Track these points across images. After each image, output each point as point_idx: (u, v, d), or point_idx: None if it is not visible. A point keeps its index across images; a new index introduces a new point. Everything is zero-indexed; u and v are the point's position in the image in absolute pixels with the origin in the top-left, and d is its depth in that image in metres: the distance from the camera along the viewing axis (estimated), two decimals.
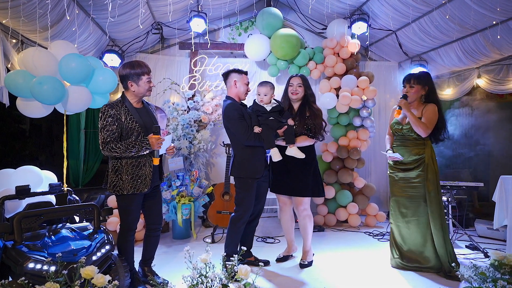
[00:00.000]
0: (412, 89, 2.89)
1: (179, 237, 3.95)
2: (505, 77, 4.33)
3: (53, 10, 3.04)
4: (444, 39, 4.42)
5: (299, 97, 3.02)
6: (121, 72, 2.41)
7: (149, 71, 2.48)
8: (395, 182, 2.97)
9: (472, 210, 5.30)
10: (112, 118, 2.30)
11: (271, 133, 2.81)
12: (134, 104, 2.45)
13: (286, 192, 3.03)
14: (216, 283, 1.74)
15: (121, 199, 2.41)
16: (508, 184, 2.87)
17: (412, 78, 2.91)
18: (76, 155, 5.12)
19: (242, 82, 2.87)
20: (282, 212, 3.18)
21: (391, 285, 2.66)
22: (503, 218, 2.91)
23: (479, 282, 1.90)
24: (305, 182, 2.94)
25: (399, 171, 2.93)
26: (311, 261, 3.10)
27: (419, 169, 2.82)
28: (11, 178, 2.74)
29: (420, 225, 2.84)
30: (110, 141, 2.28)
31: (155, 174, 2.52)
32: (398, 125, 2.96)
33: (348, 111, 4.72)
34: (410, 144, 2.89)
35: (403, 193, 2.91)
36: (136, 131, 2.37)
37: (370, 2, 4.42)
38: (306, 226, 3.02)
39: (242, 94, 2.90)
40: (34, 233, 2.21)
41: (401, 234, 2.94)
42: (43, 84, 2.77)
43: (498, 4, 3.33)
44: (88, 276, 1.67)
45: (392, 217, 3.01)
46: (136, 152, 2.30)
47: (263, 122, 2.85)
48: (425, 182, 2.81)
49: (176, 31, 4.73)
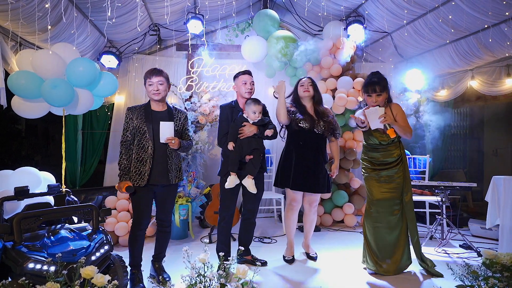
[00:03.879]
0: (379, 98, 2.79)
1: (177, 237, 3.98)
2: (498, 78, 4.41)
3: (51, 13, 3.07)
4: (438, 41, 4.49)
5: (310, 95, 3.10)
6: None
7: (152, 74, 2.57)
8: (375, 182, 2.88)
9: (467, 210, 5.38)
10: (127, 119, 2.60)
11: (236, 159, 2.80)
12: (153, 106, 2.64)
13: (309, 189, 3.06)
14: (214, 282, 1.77)
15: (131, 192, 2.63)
16: (500, 184, 2.92)
17: (377, 86, 2.77)
18: (73, 156, 5.13)
19: (240, 82, 3.00)
20: (291, 211, 3.14)
21: (387, 284, 2.70)
22: (495, 218, 2.97)
23: (471, 281, 1.95)
24: (323, 179, 3.07)
25: (381, 170, 2.86)
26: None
27: (398, 166, 2.84)
28: (10, 179, 2.75)
29: (396, 225, 2.85)
30: (122, 141, 2.59)
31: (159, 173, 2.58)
32: (383, 136, 2.84)
33: (344, 112, 4.77)
34: (392, 147, 2.86)
35: (384, 193, 2.85)
36: (141, 131, 2.55)
37: (365, 4, 4.48)
38: (314, 221, 3.29)
39: (243, 93, 3.00)
40: (33, 234, 2.23)
41: (377, 238, 2.86)
42: (58, 87, 2.90)
43: (490, 7, 3.40)
44: (88, 276, 1.69)
45: (370, 220, 2.89)
46: (119, 170, 2.57)
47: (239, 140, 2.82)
48: (402, 179, 2.84)
49: (173, 32, 4.75)
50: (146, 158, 2.54)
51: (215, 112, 4.69)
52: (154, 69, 2.62)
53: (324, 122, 3.02)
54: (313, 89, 3.11)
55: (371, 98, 2.82)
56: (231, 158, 2.81)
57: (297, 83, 3.19)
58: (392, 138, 2.80)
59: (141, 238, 2.65)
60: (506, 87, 4.34)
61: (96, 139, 5.34)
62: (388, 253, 2.86)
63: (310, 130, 3.00)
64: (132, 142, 2.58)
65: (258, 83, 5.33)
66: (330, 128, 3.05)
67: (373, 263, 2.87)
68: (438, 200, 3.67)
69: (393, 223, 2.86)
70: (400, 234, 2.86)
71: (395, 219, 2.86)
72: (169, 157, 2.62)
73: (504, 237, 2.87)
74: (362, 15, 4.66)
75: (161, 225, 2.76)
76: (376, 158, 2.89)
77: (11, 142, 8.08)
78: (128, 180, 2.54)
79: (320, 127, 3.01)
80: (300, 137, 3.02)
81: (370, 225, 2.91)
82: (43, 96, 2.94)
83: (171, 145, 2.54)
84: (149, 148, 2.54)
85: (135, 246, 2.63)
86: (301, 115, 3.01)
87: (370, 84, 2.80)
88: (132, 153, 2.59)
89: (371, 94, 2.80)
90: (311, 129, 3.00)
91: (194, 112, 4.62)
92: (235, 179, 2.80)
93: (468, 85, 4.82)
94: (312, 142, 3.03)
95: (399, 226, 2.86)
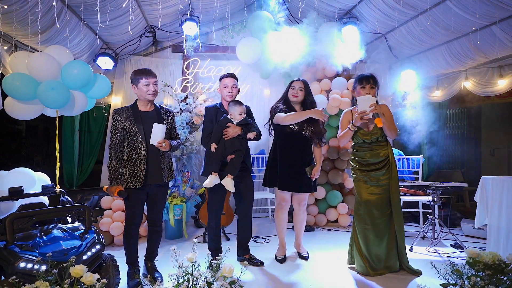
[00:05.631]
0: (372, 90, 2.86)
1: (172, 237, 4.02)
2: (491, 79, 4.44)
3: (46, 15, 3.11)
4: (431, 42, 4.52)
5: (299, 100, 3.12)
6: (130, 77, 2.67)
7: (149, 75, 2.60)
8: (363, 183, 2.90)
9: (464, 209, 5.40)
10: (115, 122, 2.59)
11: (219, 159, 2.85)
12: (141, 107, 2.66)
13: (295, 189, 3.12)
14: (201, 281, 1.81)
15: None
16: (488, 184, 2.96)
17: (371, 79, 2.87)
18: (71, 156, 5.19)
19: (222, 86, 3.05)
20: (281, 210, 3.19)
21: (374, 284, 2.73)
22: (484, 218, 3.00)
23: (455, 279, 1.99)
24: (309, 179, 3.12)
25: (369, 171, 2.89)
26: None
27: (385, 168, 2.87)
28: (5, 179, 2.79)
29: (386, 226, 2.87)
30: (111, 144, 2.59)
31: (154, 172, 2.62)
32: (365, 134, 2.90)
33: (338, 113, 4.80)
34: (377, 147, 2.89)
35: (371, 195, 2.87)
36: (132, 132, 2.56)
37: (359, 6, 4.52)
38: (304, 220, 3.36)
39: (225, 96, 3.04)
40: (26, 234, 2.26)
41: (367, 242, 2.87)
42: (54, 89, 2.94)
43: (480, 9, 3.43)
44: (77, 275, 1.73)
45: (360, 222, 2.91)
46: (109, 174, 2.58)
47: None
48: (390, 181, 2.86)
49: (169, 34, 4.79)
50: (139, 159, 2.57)
51: None
52: (148, 69, 2.64)
53: (314, 126, 3.08)
54: (304, 94, 3.12)
55: (364, 89, 2.87)
56: (212, 158, 2.86)
57: (290, 84, 3.21)
58: (377, 137, 2.86)
59: (135, 236, 2.71)
60: (499, 87, 4.38)
61: (93, 139, 5.40)
62: (379, 259, 2.87)
63: (298, 132, 3.05)
64: (121, 145, 2.60)
65: (253, 84, 5.41)
66: (318, 135, 3.11)
67: (364, 265, 2.86)
68: (430, 200, 3.70)
69: (381, 226, 2.87)
70: (390, 238, 2.88)
71: (384, 222, 2.87)
72: (162, 156, 2.67)
73: (492, 237, 2.91)
74: (356, 16, 4.69)
75: (153, 225, 2.80)
76: (362, 157, 2.92)
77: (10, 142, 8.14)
78: (119, 184, 2.56)
79: (308, 131, 3.06)
80: (288, 138, 3.07)
81: (359, 226, 2.93)
82: (39, 98, 2.97)
83: (162, 148, 2.57)
84: (141, 149, 2.58)
85: (130, 243, 2.69)
86: None
87: (364, 77, 2.90)
88: (122, 156, 2.60)
89: (365, 86, 2.86)
90: (299, 132, 3.05)
91: (189, 113, 4.66)
92: (215, 179, 2.83)
93: (462, 86, 4.85)
94: (299, 143, 3.08)
95: (387, 230, 2.88)
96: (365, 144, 2.93)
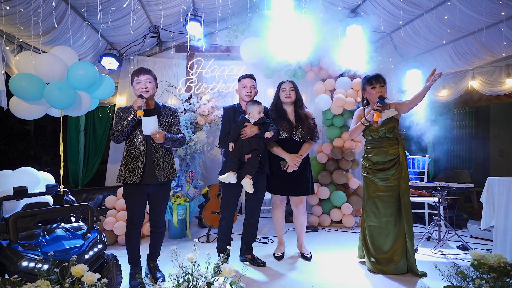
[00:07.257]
0: (383, 89, 2.89)
1: (175, 237, 4.03)
2: (498, 78, 4.37)
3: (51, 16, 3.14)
4: (437, 41, 4.46)
5: (292, 100, 3.15)
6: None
7: (140, 73, 2.60)
8: (371, 182, 2.95)
9: (472, 210, 5.32)
10: (118, 119, 2.63)
11: (236, 158, 2.85)
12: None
13: (288, 193, 3.14)
14: (201, 281, 1.81)
15: (123, 190, 2.70)
16: (495, 185, 2.90)
17: (380, 77, 2.89)
18: (76, 156, 5.23)
19: (241, 86, 3.08)
20: (277, 209, 3.28)
21: (379, 284, 2.71)
22: (490, 219, 2.95)
23: (459, 281, 1.95)
24: (306, 181, 3.12)
25: (377, 172, 2.91)
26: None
27: (395, 167, 2.86)
28: (9, 179, 2.82)
29: (394, 226, 2.86)
30: (112, 130, 2.62)
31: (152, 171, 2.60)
32: (374, 130, 2.92)
33: (342, 113, 4.78)
34: (386, 145, 2.90)
35: (379, 192, 2.90)
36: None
37: (363, 4, 4.48)
38: (304, 222, 3.32)
39: (243, 96, 3.06)
40: (29, 233, 2.29)
41: (373, 239, 2.91)
42: (62, 90, 2.98)
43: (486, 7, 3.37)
44: (78, 274, 1.74)
45: (366, 218, 2.99)
46: (125, 121, 2.56)
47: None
48: (399, 181, 2.85)
49: (173, 34, 4.80)
50: (138, 154, 2.58)
51: (214, 113, 4.73)
52: (141, 68, 2.65)
53: (304, 127, 3.07)
54: (295, 94, 3.15)
55: (375, 89, 2.87)
56: (230, 157, 2.87)
57: (279, 87, 3.20)
58: (384, 132, 2.87)
59: (136, 235, 2.70)
60: (507, 87, 4.31)
61: (98, 139, 5.44)
62: (384, 255, 2.87)
63: (289, 138, 3.06)
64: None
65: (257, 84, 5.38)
66: (309, 132, 3.09)
67: (368, 261, 2.93)
68: (435, 201, 3.65)
69: (387, 224, 2.87)
70: (397, 238, 2.87)
71: (390, 221, 2.87)
72: (155, 153, 2.62)
73: (498, 238, 2.85)
74: (361, 15, 4.65)
75: (154, 226, 2.79)
76: (372, 155, 2.94)
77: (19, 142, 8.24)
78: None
79: (298, 133, 3.06)
80: (279, 144, 3.07)
81: (366, 223, 2.99)
82: (46, 98, 3.00)
83: (155, 139, 2.53)
84: (140, 145, 2.59)
85: (131, 243, 2.69)
86: (280, 123, 3.05)
87: (373, 77, 2.91)
88: (124, 148, 2.64)
89: (375, 85, 2.87)
90: (289, 137, 3.06)
91: (193, 113, 4.67)
92: (232, 177, 2.83)
93: (469, 85, 4.78)
94: (291, 148, 3.06)
95: (395, 230, 2.87)
96: (373, 141, 2.95)
